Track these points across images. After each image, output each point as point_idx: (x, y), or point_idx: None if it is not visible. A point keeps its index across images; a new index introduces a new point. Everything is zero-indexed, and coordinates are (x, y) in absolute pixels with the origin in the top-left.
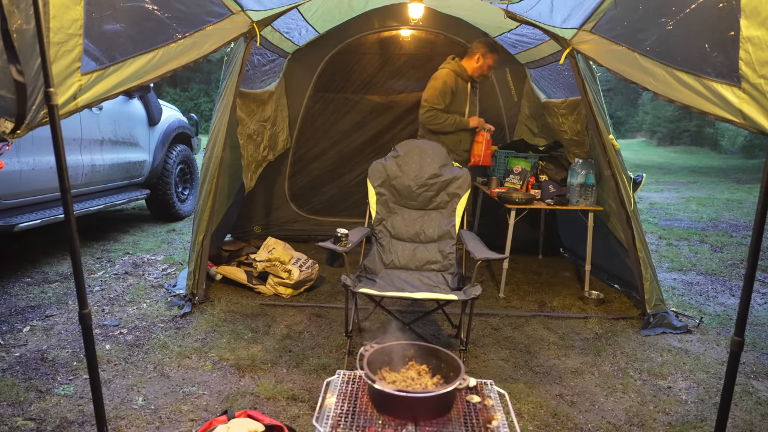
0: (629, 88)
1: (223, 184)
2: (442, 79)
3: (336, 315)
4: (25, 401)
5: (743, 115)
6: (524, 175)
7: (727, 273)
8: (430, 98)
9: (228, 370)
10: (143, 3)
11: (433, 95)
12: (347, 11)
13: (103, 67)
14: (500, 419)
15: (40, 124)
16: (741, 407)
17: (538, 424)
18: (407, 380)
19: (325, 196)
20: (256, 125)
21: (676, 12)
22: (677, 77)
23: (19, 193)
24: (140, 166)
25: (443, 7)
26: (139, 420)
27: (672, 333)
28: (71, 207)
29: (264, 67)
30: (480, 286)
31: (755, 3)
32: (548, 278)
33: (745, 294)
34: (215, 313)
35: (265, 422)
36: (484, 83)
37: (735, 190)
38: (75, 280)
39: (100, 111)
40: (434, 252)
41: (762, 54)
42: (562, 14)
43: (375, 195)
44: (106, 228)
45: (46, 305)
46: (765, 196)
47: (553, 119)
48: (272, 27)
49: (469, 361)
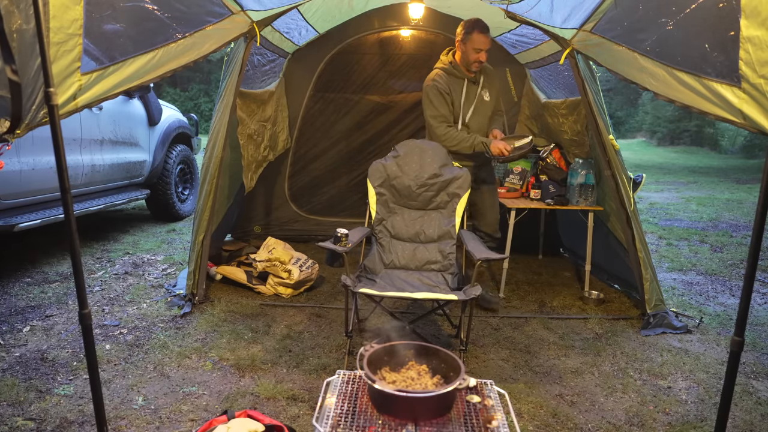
0: (629, 88)
1: (223, 184)
2: (428, 86)
3: (336, 315)
4: (25, 401)
5: (743, 115)
6: (524, 175)
7: (727, 273)
8: (429, 114)
9: (228, 370)
10: (143, 3)
11: (429, 108)
12: (347, 11)
13: (103, 67)
14: (500, 419)
15: (40, 124)
16: (741, 407)
17: (538, 424)
18: (407, 380)
19: (325, 196)
20: (256, 125)
21: (676, 12)
22: (677, 77)
23: (19, 193)
24: (140, 166)
25: (443, 7)
26: (139, 420)
27: (672, 333)
28: (71, 207)
29: (264, 67)
30: (480, 286)
31: (755, 3)
32: (548, 278)
33: (745, 294)
34: (215, 313)
35: (265, 422)
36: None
37: (735, 190)
38: (75, 280)
39: (100, 111)
40: (434, 252)
41: (762, 54)
42: (562, 14)
43: (375, 195)
44: (106, 228)
45: (46, 305)
46: (765, 196)
47: (553, 119)
48: (272, 27)
49: (469, 361)
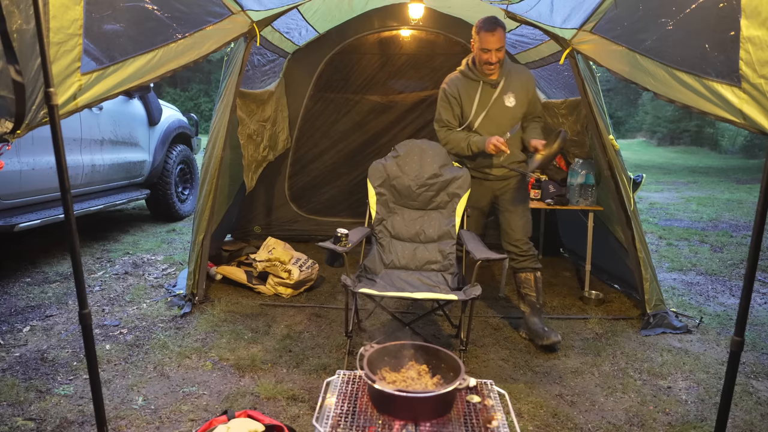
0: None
1: (223, 184)
2: (441, 87)
3: (336, 315)
4: (25, 401)
5: (743, 115)
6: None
7: (727, 273)
8: (434, 118)
9: (228, 370)
10: (143, 3)
11: (436, 112)
12: (347, 11)
13: (103, 67)
14: (500, 419)
15: (40, 124)
16: (741, 407)
17: (538, 424)
18: (407, 380)
19: (325, 196)
20: (256, 125)
21: (676, 12)
22: (677, 77)
23: (19, 193)
24: (140, 166)
25: (443, 7)
26: (139, 420)
27: (672, 333)
28: (71, 207)
29: (264, 67)
30: (480, 286)
31: (755, 3)
32: (548, 278)
33: (745, 294)
34: (215, 313)
35: (265, 422)
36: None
37: (735, 190)
38: (75, 280)
39: (100, 111)
40: (434, 252)
41: (762, 54)
42: (562, 14)
43: (375, 195)
44: (106, 228)
45: (46, 305)
46: (765, 196)
47: (553, 119)
48: (272, 27)
49: (469, 361)
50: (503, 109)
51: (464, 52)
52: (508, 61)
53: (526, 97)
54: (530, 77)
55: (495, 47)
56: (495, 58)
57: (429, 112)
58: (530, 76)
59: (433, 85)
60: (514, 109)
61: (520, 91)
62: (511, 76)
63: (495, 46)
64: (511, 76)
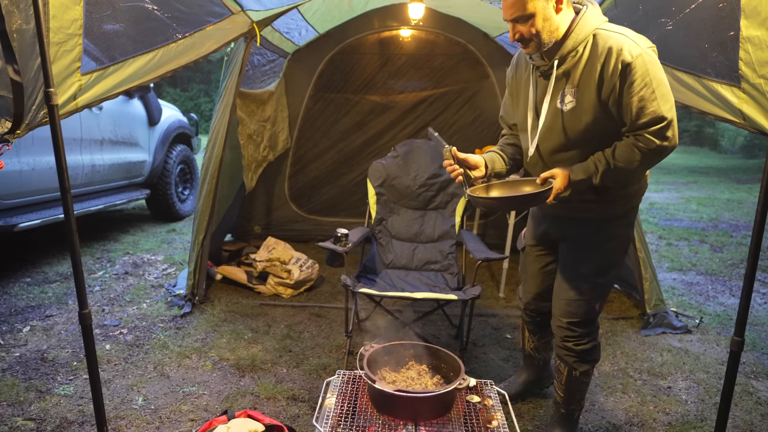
0: None
1: (223, 184)
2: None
3: (336, 315)
4: (25, 401)
5: (743, 115)
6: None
7: (727, 273)
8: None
9: (228, 370)
10: (143, 3)
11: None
12: (347, 11)
13: (103, 67)
14: (500, 419)
15: (40, 124)
16: (741, 407)
17: (538, 424)
18: (407, 380)
19: (325, 196)
20: (256, 125)
21: (676, 12)
22: (677, 77)
23: (19, 193)
24: (140, 166)
25: (443, 7)
26: (139, 420)
27: (672, 333)
28: (71, 207)
29: (264, 67)
30: (480, 286)
31: (755, 3)
32: None
33: (745, 294)
34: (215, 313)
35: (265, 422)
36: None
37: (735, 190)
38: (75, 280)
39: (100, 111)
40: (434, 252)
41: (762, 54)
42: None
43: (375, 195)
44: (106, 228)
45: (46, 305)
46: (765, 196)
47: None
48: (272, 27)
49: (469, 361)
50: (556, 114)
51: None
52: (584, 33)
53: (593, 93)
54: (605, 60)
55: (509, 16)
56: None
57: (429, 112)
58: (606, 59)
59: (433, 85)
60: (573, 114)
61: (586, 84)
62: (578, 62)
63: (508, 16)
64: (578, 62)
